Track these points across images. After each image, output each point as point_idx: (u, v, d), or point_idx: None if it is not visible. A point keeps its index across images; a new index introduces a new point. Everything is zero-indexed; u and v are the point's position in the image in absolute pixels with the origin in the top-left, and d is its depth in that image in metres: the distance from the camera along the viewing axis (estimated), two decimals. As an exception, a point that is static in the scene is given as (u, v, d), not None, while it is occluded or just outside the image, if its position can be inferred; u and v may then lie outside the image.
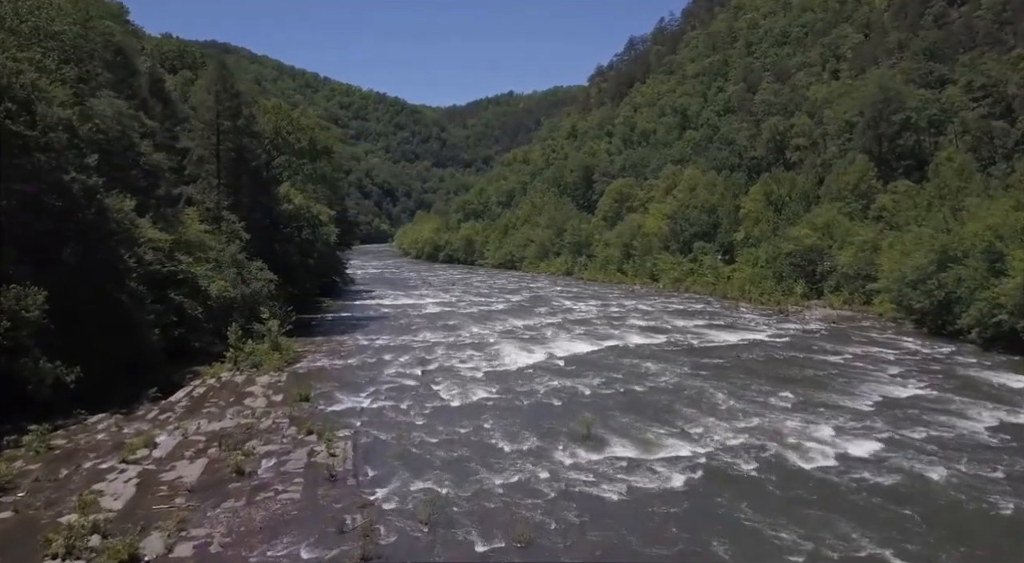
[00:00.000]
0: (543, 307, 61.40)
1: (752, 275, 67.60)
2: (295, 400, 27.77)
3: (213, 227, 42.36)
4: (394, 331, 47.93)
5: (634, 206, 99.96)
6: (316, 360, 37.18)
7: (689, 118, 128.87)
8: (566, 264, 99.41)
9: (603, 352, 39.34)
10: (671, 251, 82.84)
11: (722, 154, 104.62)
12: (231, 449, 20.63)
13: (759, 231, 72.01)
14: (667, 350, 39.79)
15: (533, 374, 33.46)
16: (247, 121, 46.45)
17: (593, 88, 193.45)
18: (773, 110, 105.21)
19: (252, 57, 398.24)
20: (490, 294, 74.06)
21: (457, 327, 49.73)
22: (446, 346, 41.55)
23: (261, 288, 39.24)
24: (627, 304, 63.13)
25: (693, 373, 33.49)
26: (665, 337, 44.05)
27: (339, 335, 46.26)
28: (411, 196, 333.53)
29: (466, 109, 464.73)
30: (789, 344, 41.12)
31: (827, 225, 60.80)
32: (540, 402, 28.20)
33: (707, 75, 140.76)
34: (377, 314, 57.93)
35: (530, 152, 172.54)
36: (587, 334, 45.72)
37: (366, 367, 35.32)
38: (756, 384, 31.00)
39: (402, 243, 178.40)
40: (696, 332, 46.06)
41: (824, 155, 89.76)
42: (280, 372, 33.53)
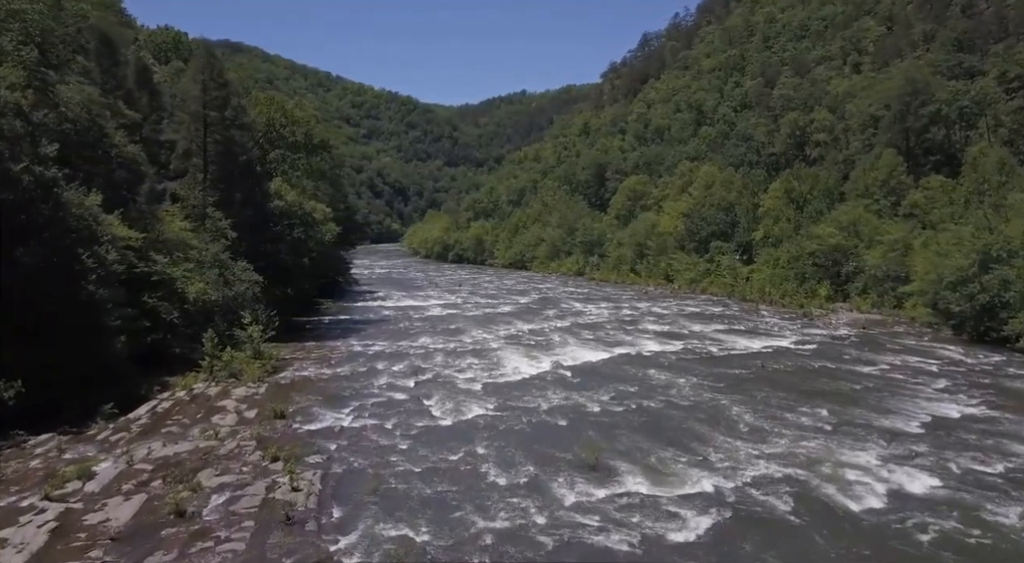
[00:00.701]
0: (551, 310, 58.28)
1: (772, 276, 64.20)
2: (269, 417, 24.86)
3: (196, 225, 39.56)
4: (391, 336, 44.99)
5: (648, 204, 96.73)
6: (302, 369, 34.26)
7: (705, 114, 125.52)
8: (577, 264, 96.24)
9: (614, 361, 36.19)
10: (686, 251, 79.54)
11: (739, 150, 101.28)
12: (177, 482, 17.70)
13: (779, 230, 68.55)
14: (684, 359, 36.58)
15: (536, 386, 30.38)
16: (236, 112, 43.60)
17: (606, 85, 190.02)
18: (792, 105, 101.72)
19: (265, 56, 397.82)
20: (497, 296, 71.02)
21: (459, 331, 46.73)
22: (445, 353, 38.54)
23: (245, 290, 36.37)
24: (640, 307, 59.91)
25: (713, 386, 30.29)
26: (682, 344, 40.85)
27: (333, 340, 43.37)
28: (423, 195, 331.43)
29: (478, 108, 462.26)
30: (817, 352, 37.78)
31: (853, 223, 57.33)
32: (542, 421, 25.10)
33: (723, 70, 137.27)
34: (377, 317, 55.05)
35: (541, 149, 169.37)
36: (597, 340, 42.58)
37: (355, 377, 32.34)
38: (784, 399, 27.76)
39: (412, 243, 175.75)
40: (715, 338, 42.81)
41: (847, 151, 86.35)
42: (260, 383, 30.63)
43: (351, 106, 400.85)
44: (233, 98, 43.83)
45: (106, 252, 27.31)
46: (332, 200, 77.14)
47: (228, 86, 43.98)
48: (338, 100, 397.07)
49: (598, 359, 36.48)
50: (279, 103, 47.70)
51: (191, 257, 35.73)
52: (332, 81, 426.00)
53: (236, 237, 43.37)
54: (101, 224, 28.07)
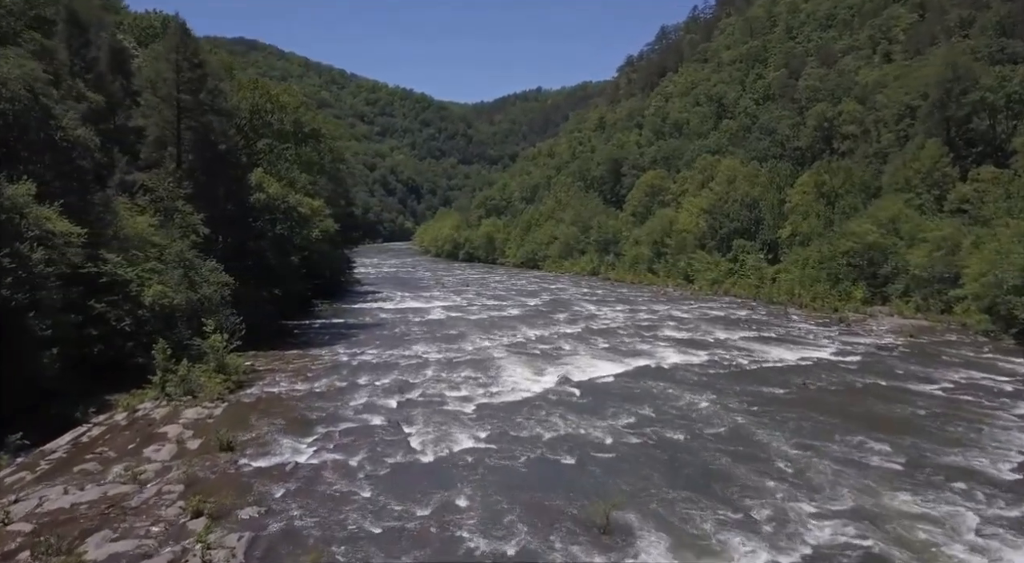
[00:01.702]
0: (563, 313, 53.77)
1: (802, 277, 59.30)
2: (214, 449, 20.60)
3: (165, 220, 35.46)
4: (384, 343, 40.70)
5: (666, 200, 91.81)
6: (273, 383, 30.00)
7: (726, 107, 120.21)
8: (591, 263, 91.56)
9: (630, 375, 31.64)
10: (707, 249, 74.69)
11: (762, 144, 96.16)
12: (52, 554, 13.43)
13: (808, 227, 63.66)
14: (711, 373, 31.97)
15: (539, 408, 25.92)
16: (212, 96, 39.45)
17: (622, 79, 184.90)
18: (819, 96, 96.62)
19: (279, 54, 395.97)
20: (506, 297, 66.58)
21: (459, 338, 42.38)
22: (439, 364, 34.17)
23: (213, 293, 32.16)
24: (659, 309, 55.28)
25: (747, 410, 25.70)
26: (707, 354, 36.23)
27: (318, 347, 39.14)
28: (436, 193, 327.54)
29: (493, 105, 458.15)
30: (864, 366, 33.05)
31: (893, 219, 52.38)
32: (543, 457, 20.63)
33: (744, 62, 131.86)
34: (373, 321, 50.79)
35: (555, 145, 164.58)
36: (612, 349, 38.06)
37: (330, 395, 28.03)
38: (835, 428, 23.15)
39: (422, 241, 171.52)
40: (744, 347, 38.16)
41: (878, 144, 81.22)
42: (219, 402, 26.41)
43: (365, 103, 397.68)
44: (210, 80, 39.65)
45: (30, 250, 23.15)
46: (332, 196, 73.01)
47: (204, 67, 39.84)
48: (352, 97, 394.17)
49: (611, 373, 31.93)
50: (264, 87, 43.57)
51: (151, 255, 31.59)
52: (346, 78, 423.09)
53: (215, 234, 39.58)
54: (27, 217, 23.94)
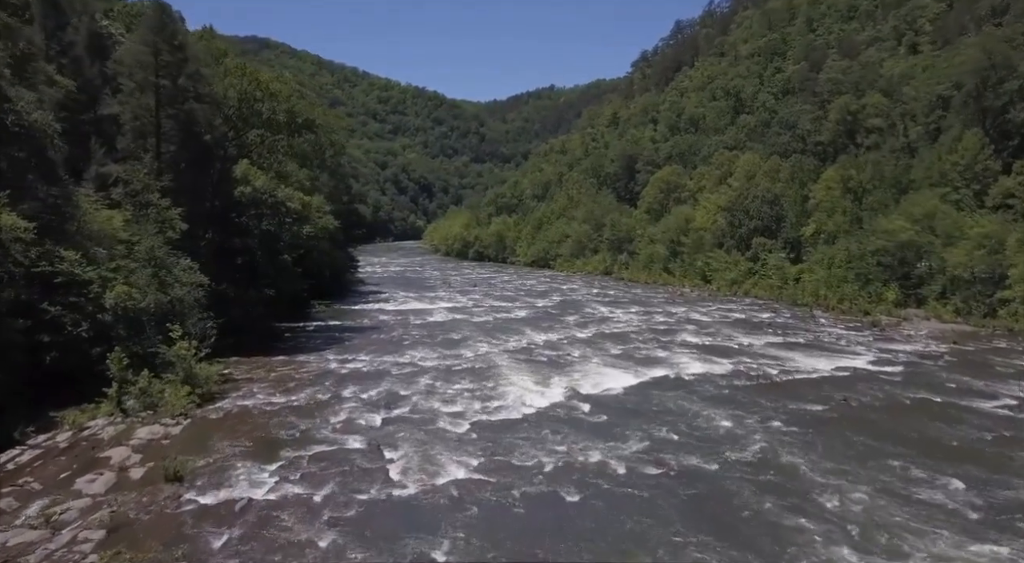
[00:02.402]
0: (573, 315, 50.49)
1: (828, 277, 55.74)
2: (159, 479, 17.57)
3: (139, 215, 32.52)
4: (379, 348, 37.62)
5: (682, 197, 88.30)
6: (248, 395, 26.95)
7: (743, 101, 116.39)
8: (604, 262, 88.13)
9: (646, 387, 28.34)
10: (726, 248, 71.21)
11: (782, 139, 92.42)
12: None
13: (834, 224, 60.07)
14: (736, 386, 28.62)
15: (542, 428, 22.68)
16: (193, 81, 36.46)
17: (636, 74, 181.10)
18: (841, 89, 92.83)
19: (292, 52, 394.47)
20: (514, 298, 63.35)
21: (460, 342, 39.24)
22: (435, 374, 31.01)
23: (186, 294, 29.15)
24: (676, 312, 51.89)
25: (781, 431, 22.39)
26: (731, 362, 32.86)
27: (307, 353, 36.10)
28: (448, 192, 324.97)
29: (506, 103, 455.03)
30: (909, 377, 29.58)
31: (928, 216, 48.75)
32: (543, 493, 17.41)
33: (763, 55, 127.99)
34: (371, 323, 47.74)
35: (568, 141, 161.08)
36: (625, 356, 34.77)
37: (309, 409, 24.92)
38: (886, 455, 19.81)
39: (432, 240, 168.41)
40: (771, 355, 34.75)
41: (906, 137, 77.46)
42: (181, 418, 23.39)
43: (377, 102, 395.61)
44: (191, 65, 36.65)
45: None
46: (333, 191, 70.23)
47: (185, 50, 36.84)
48: (364, 95, 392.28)
49: (625, 385, 28.63)
50: (252, 74, 40.62)
51: (117, 253, 28.64)
52: (359, 76, 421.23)
53: (197, 231, 36.71)
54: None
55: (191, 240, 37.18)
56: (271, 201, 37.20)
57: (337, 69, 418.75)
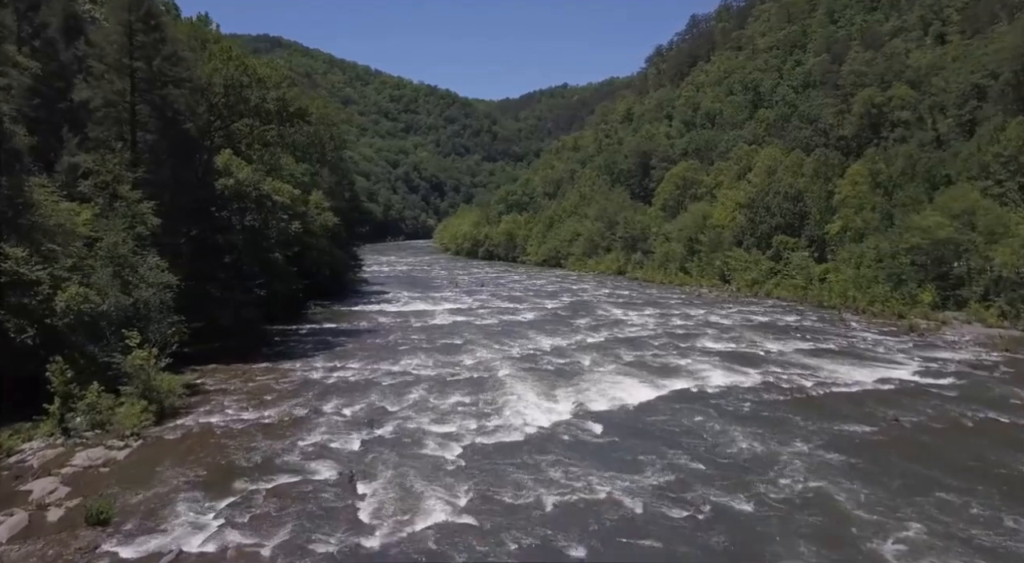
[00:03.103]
0: (584, 318, 47.26)
1: (856, 277, 52.24)
2: (79, 524, 14.56)
3: (108, 208, 29.65)
4: (373, 354, 34.61)
5: (699, 194, 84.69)
6: (217, 409, 23.95)
7: (762, 95, 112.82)
8: (617, 262, 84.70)
9: (665, 403, 25.11)
10: (745, 247, 67.64)
11: (803, 133, 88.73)
12: None
13: (862, 221, 56.52)
14: (767, 401, 25.32)
15: (545, 454, 19.50)
16: (170, 63, 33.53)
17: (651, 70, 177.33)
18: (865, 81, 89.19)
19: (304, 50, 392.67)
20: (522, 299, 60.16)
21: (461, 348, 36.17)
22: (430, 384, 27.91)
23: (151, 296, 26.17)
24: (694, 314, 48.55)
25: (824, 459, 19.09)
26: (758, 373, 29.55)
27: (293, 359, 33.11)
28: (459, 191, 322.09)
29: (519, 101, 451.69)
30: (964, 392, 26.14)
31: (968, 211, 45.16)
32: (541, 548, 14.19)
33: (782, 48, 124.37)
34: (369, 326, 44.75)
35: (580, 138, 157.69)
36: (641, 365, 31.53)
37: (281, 429, 21.89)
38: (951, 491, 16.54)
39: (442, 239, 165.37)
40: (803, 363, 31.40)
41: (935, 129, 73.85)
42: (132, 439, 20.42)
43: (389, 100, 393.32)
44: (167, 46, 33.72)
45: None
46: (334, 187, 67.33)
47: (162, 30, 33.91)
48: (376, 94, 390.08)
49: (641, 400, 25.37)
50: (239, 58, 37.60)
51: (75, 251, 25.75)
52: (371, 75, 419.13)
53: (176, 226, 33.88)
54: None
55: (172, 236, 34.49)
56: (255, 194, 34.22)
57: (349, 67, 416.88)
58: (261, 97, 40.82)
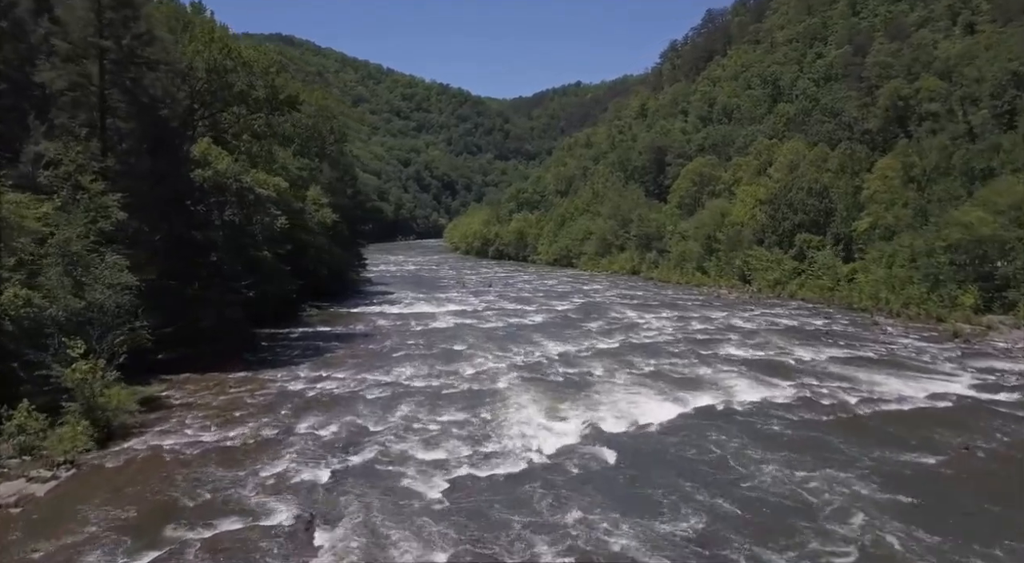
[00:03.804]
0: (597, 321, 44.03)
1: (888, 277, 48.74)
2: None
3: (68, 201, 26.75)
4: (365, 361, 31.57)
5: (717, 190, 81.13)
6: (175, 429, 20.94)
7: (781, 89, 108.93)
8: (631, 261, 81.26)
9: (689, 423, 21.83)
10: (767, 245, 64.13)
11: (825, 128, 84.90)
12: None
13: (894, 218, 52.95)
14: (807, 421, 22.00)
15: (548, 492, 16.30)
16: (143, 43, 30.61)
17: (666, 65, 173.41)
18: (891, 73, 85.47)
19: (316, 49, 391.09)
20: (531, 300, 56.96)
21: (462, 355, 33.06)
22: (422, 398, 24.81)
23: (107, 298, 23.22)
24: (715, 317, 45.21)
25: (887, 500, 15.79)
26: (792, 386, 26.23)
27: (275, 367, 30.13)
28: (471, 189, 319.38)
29: (531, 100, 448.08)
30: (1032, 410, 22.79)
31: (1015, 206, 41.56)
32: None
33: (801, 41, 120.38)
34: (366, 329, 41.77)
35: (593, 134, 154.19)
36: (660, 375, 28.28)
37: (241, 455, 18.82)
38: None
39: (452, 238, 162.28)
40: (840, 374, 28.03)
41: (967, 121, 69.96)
42: (62, 469, 17.42)
43: (401, 98, 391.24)
44: (139, 24, 30.77)
45: None
46: (334, 183, 64.37)
47: (134, 7, 30.95)
48: (388, 92, 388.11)
49: (661, 419, 22.09)
50: (221, 39, 34.58)
51: (18, 247, 22.84)
52: (383, 74, 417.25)
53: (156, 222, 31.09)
54: None
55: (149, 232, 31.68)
56: (236, 187, 31.25)
57: (361, 66, 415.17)
58: (248, 83, 37.92)
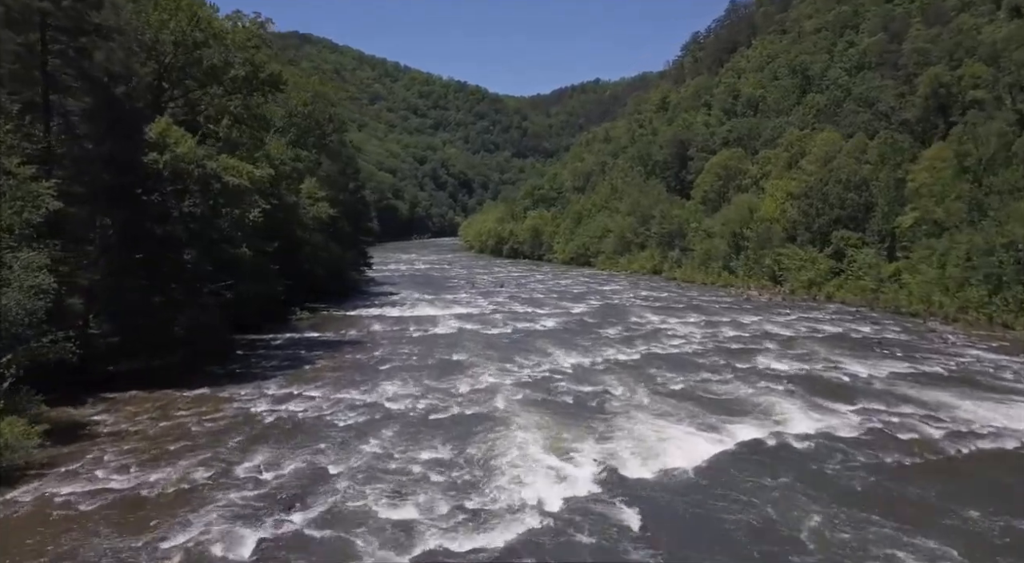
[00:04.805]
0: (615, 327, 39.45)
1: (941, 278, 43.76)
2: None
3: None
4: (346, 375, 27.25)
5: (744, 185, 76.24)
6: (84, 470, 16.66)
7: (811, 79, 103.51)
8: (652, 260, 76.46)
9: (732, 466, 17.18)
10: (800, 243, 59.21)
11: (860, 118, 79.86)
12: None
13: (945, 212, 47.91)
14: (881, 462, 17.31)
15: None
16: (88, 4, 26.40)
17: (687, 58, 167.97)
18: (930, 60, 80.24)
19: (333, 47, 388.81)
20: (544, 302, 52.40)
21: (461, 368, 28.64)
22: (402, 427, 20.38)
23: (15, 304, 19.03)
24: (747, 323, 40.50)
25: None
26: (853, 411, 21.53)
27: (241, 383, 25.81)
28: (488, 188, 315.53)
29: (550, 97, 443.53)
30: None
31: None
32: None
33: (831, 29, 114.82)
34: (358, 336, 37.50)
35: (612, 129, 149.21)
36: (690, 396, 23.67)
37: (153, 511, 14.48)
38: None
39: (466, 236, 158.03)
40: (909, 396, 23.26)
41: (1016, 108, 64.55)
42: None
43: (418, 96, 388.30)
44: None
45: None
46: (336, 177, 60.21)
47: (81, -34, 26.77)
48: (405, 90, 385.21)
49: (697, 462, 17.40)
50: (189, 7, 30.31)
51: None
52: (400, 71, 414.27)
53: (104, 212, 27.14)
54: None
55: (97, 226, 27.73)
56: (198, 173, 26.96)
57: (378, 64, 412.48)
58: (224, 59, 33.64)
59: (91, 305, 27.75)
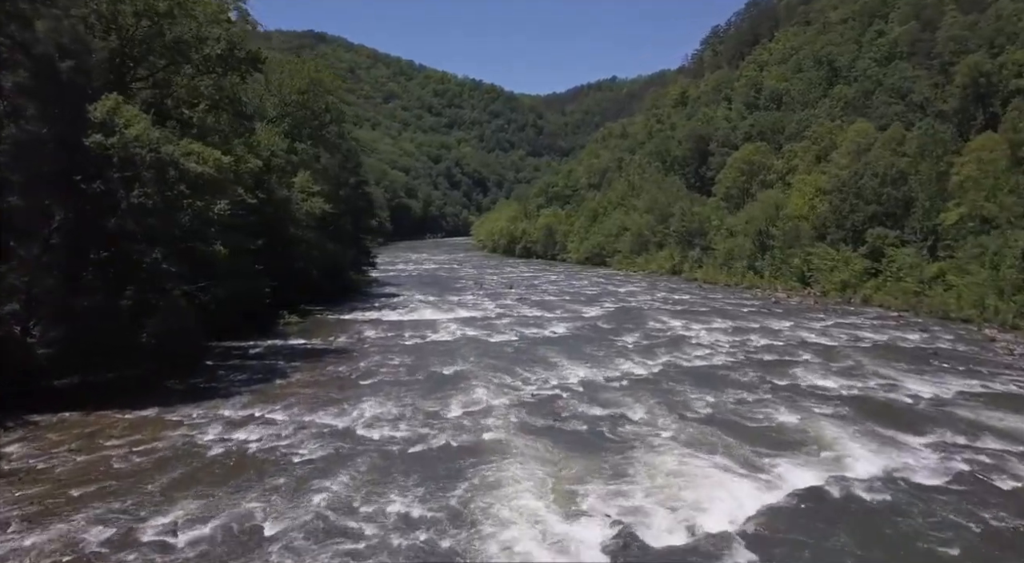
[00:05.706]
0: (632, 333, 35.50)
1: (994, 280, 39.48)
2: None
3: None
4: (321, 392, 23.53)
5: (769, 180, 71.92)
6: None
7: (838, 71, 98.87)
8: (672, 260, 72.28)
9: (784, 527, 13.24)
10: (830, 241, 54.96)
11: (893, 109, 75.37)
12: None
13: (997, 207, 43.62)
14: (973, 515, 13.35)
15: None
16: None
17: (707, 51, 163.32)
18: (968, 48, 75.69)
19: (348, 46, 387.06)
20: (555, 305, 48.45)
21: (454, 383, 24.85)
22: (370, 464, 16.61)
23: None
24: (778, 329, 36.43)
25: None
26: (926, 444, 17.53)
27: (198, 402, 22.12)
28: (502, 186, 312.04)
29: (565, 96, 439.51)
30: None
31: None
32: None
33: (858, 20, 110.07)
34: (347, 343, 33.79)
35: (629, 124, 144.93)
36: (723, 422, 19.70)
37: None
38: None
39: (479, 235, 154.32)
40: (990, 425, 19.17)
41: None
42: None
43: (433, 95, 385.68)
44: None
45: None
46: (334, 171, 56.57)
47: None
48: (420, 89, 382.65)
49: (737, 517, 13.41)
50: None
51: None
52: (415, 70, 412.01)
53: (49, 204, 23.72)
54: None
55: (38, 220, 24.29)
56: (151, 159, 23.27)
57: (393, 62, 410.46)
58: (194, 33, 30.01)
59: (32, 310, 24.33)
